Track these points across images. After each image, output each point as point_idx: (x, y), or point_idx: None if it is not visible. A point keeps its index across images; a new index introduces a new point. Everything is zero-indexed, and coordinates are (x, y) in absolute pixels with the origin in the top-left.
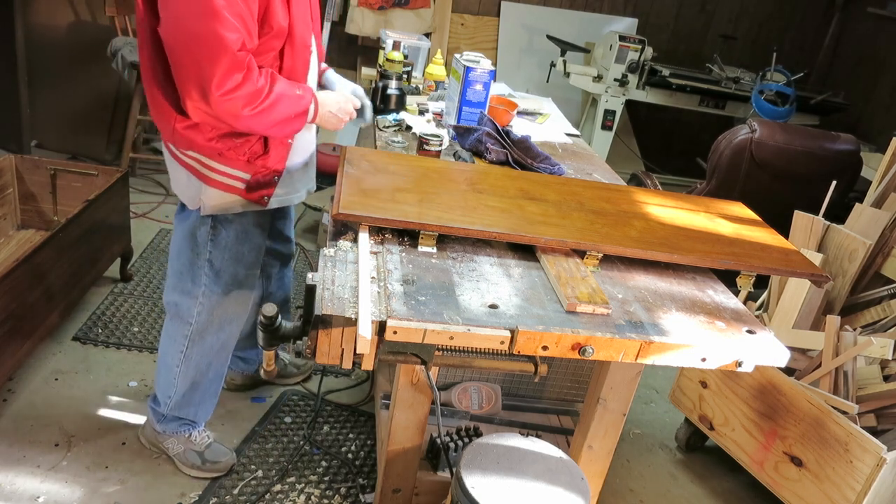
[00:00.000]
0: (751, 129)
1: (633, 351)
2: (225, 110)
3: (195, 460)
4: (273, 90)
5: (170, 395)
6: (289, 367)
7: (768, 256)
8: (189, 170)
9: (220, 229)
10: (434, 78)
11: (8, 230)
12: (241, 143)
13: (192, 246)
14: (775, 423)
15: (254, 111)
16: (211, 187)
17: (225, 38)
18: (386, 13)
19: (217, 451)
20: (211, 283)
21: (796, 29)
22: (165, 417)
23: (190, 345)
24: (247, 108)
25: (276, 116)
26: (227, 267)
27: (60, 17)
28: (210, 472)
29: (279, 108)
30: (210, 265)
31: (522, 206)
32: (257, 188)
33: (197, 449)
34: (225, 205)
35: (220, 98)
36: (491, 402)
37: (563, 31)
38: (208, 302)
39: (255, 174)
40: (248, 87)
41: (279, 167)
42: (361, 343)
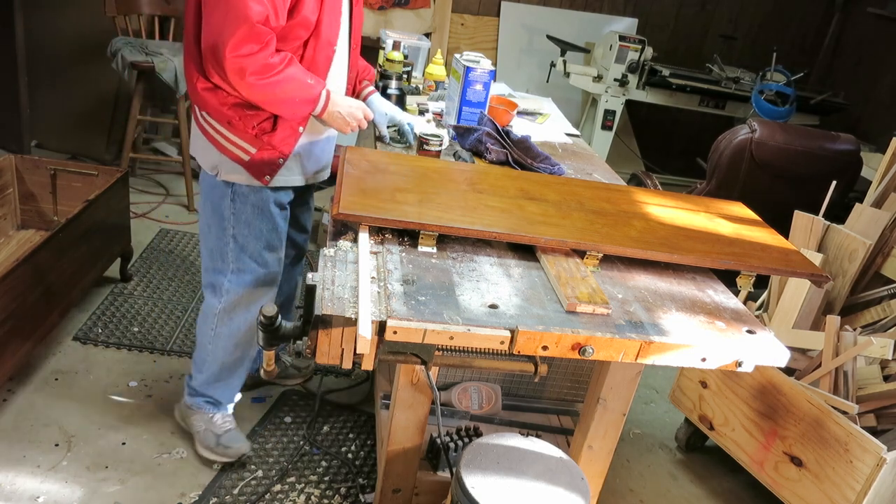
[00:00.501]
0: (751, 129)
1: (633, 351)
2: (232, 71)
3: (211, 442)
4: (285, 70)
5: (201, 371)
6: (289, 368)
7: (768, 256)
8: (205, 134)
9: (238, 203)
10: (434, 78)
11: (8, 230)
12: (251, 116)
13: (219, 221)
14: (775, 423)
15: (259, 81)
16: (222, 154)
17: (249, 7)
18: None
19: (233, 437)
20: (237, 260)
21: (796, 29)
22: (195, 392)
23: (219, 323)
24: (253, 77)
25: (281, 94)
26: (249, 244)
27: (60, 17)
28: (221, 456)
29: (286, 87)
30: (234, 241)
31: (522, 206)
32: (261, 166)
33: (216, 431)
34: (237, 173)
35: (230, 59)
36: (491, 402)
37: (563, 31)
38: (236, 279)
39: (261, 151)
40: (260, 58)
41: (286, 150)
42: (361, 343)
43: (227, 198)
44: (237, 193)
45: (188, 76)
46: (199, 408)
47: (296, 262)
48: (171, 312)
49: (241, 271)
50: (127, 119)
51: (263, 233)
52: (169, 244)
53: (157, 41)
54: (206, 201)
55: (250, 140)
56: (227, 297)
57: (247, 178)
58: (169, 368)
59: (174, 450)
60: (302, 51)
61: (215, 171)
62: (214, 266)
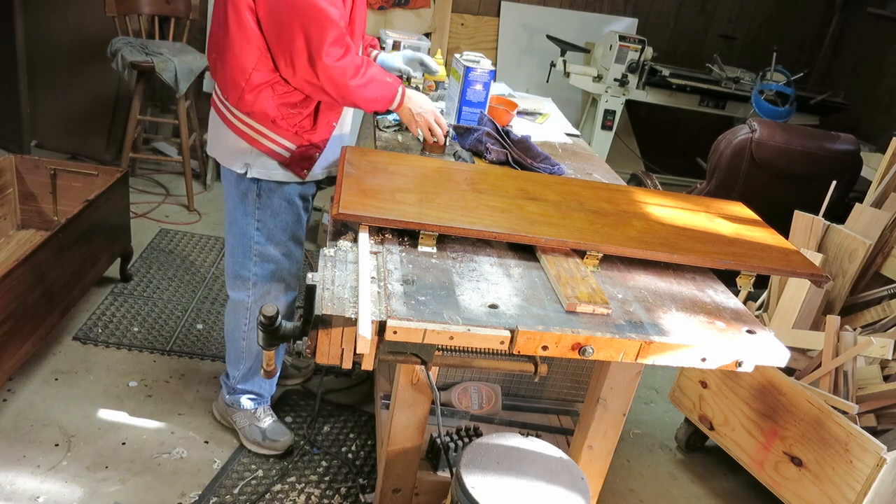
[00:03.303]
0: (751, 129)
1: (633, 351)
2: (330, 77)
3: (257, 436)
4: (369, 70)
5: (238, 368)
6: (290, 368)
7: (768, 256)
8: (238, 133)
9: (264, 197)
10: (434, 78)
11: (8, 230)
12: (294, 115)
13: (243, 215)
14: (775, 423)
15: (356, 83)
16: (259, 151)
17: (330, 12)
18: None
19: (278, 430)
20: (262, 254)
21: (796, 29)
22: (235, 390)
23: (251, 317)
24: (352, 79)
25: (370, 94)
26: (275, 236)
27: (60, 17)
28: (269, 449)
29: (374, 86)
30: (259, 233)
31: (522, 206)
32: (300, 160)
33: (260, 426)
34: (268, 171)
35: (328, 65)
36: (491, 402)
37: (563, 31)
38: (262, 272)
39: (300, 146)
40: (351, 60)
41: (322, 144)
42: (361, 343)
43: (252, 192)
44: (263, 189)
45: (231, 82)
46: (241, 405)
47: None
48: (171, 312)
49: (266, 262)
50: (127, 119)
51: (289, 224)
52: (169, 244)
53: (157, 41)
54: (231, 199)
55: (291, 137)
56: (256, 289)
57: (282, 174)
58: (169, 368)
59: (174, 450)
60: None
61: (244, 170)
62: (238, 261)
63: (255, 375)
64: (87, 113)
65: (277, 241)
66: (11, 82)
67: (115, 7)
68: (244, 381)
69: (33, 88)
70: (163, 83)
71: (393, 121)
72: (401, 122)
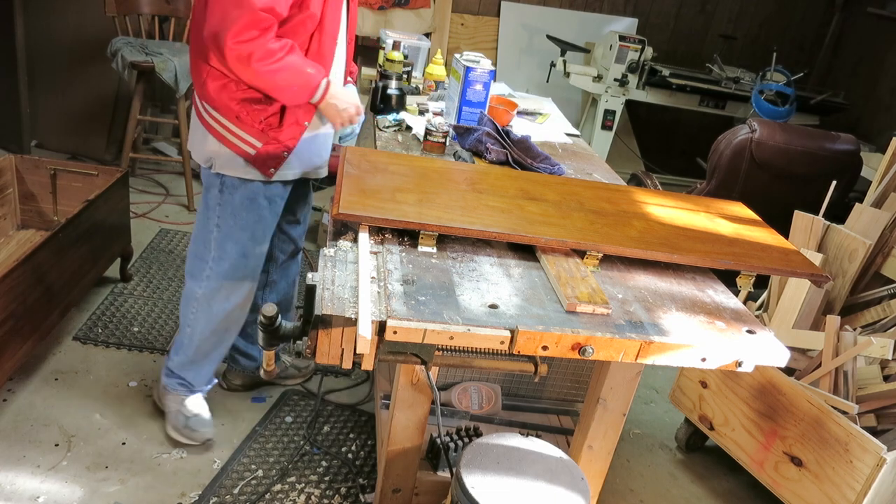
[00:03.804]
0: (751, 129)
1: (633, 351)
2: (235, 57)
3: (179, 423)
4: (286, 57)
5: (178, 353)
6: (290, 368)
7: (768, 256)
8: (207, 128)
9: (226, 193)
10: (434, 78)
11: (8, 230)
12: (259, 111)
13: (205, 209)
14: (775, 423)
15: (262, 67)
16: (224, 146)
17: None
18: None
19: (200, 422)
20: (219, 248)
21: (796, 29)
22: (171, 373)
23: (198, 308)
24: (257, 63)
25: (282, 81)
26: (234, 233)
27: (60, 17)
28: (187, 438)
29: (286, 74)
30: (219, 229)
31: (522, 206)
32: (266, 159)
33: (186, 413)
34: (234, 167)
35: (232, 45)
36: (491, 402)
37: (563, 31)
38: (217, 267)
39: (267, 145)
40: (261, 43)
41: (291, 144)
42: (361, 343)
43: (215, 188)
44: (226, 185)
45: (195, 72)
46: (174, 389)
47: (292, 258)
48: (171, 312)
49: (221, 259)
50: (127, 119)
51: (250, 224)
52: (169, 244)
53: (157, 41)
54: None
55: (257, 135)
56: (208, 283)
57: (245, 171)
58: None
59: (174, 450)
60: (308, 43)
61: (209, 164)
62: (197, 252)
63: (193, 365)
64: (87, 113)
65: (236, 240)
66: (11, 82)
67: (115, 7)
68: (180, 368)
69: (33, 88)
70: (163, 83)
71: (393, 121)
72: (401, 122)
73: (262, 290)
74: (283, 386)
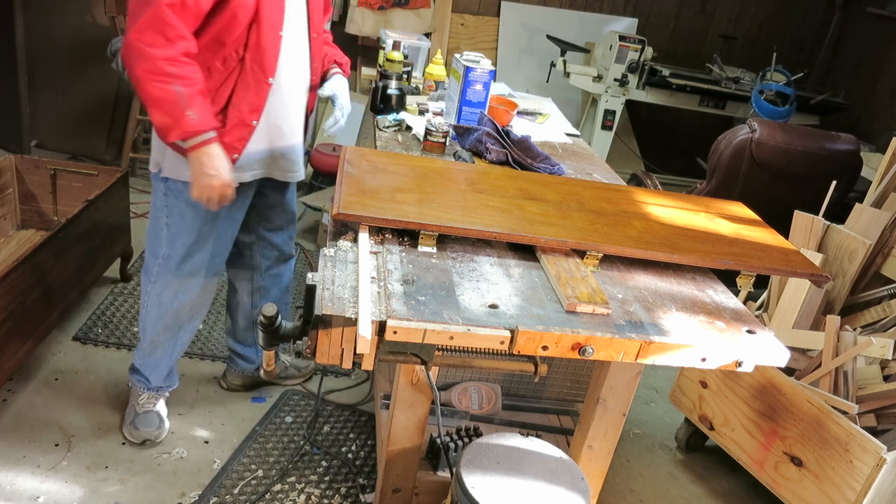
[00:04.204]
0: (751, 129)
1: (633, 351)
2: (128, 49)
3: (128, 418)
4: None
5: (137, 347)
6: (290, 368)
7: (768, 256)
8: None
9: (171, 197)
10: (434, 78)
11: (8, 230)
12: None
13: (154, 209)
14: (775, 423)
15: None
16: (170, 148)
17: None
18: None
19: (148, 420)
20: (169, 246)
21: (796, 29)
22: (133, 369)
23: (150, 302)
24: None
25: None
26: (181, 235)
27: (60, 17)
28: (128, 435)
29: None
30: (168, 229)
31: (522, 206)
32: None
33: (137, 410)
34: (178, 170)
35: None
36: (491, 402)
37: (563, 31)
38: (166, 266)
39: None
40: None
41: (239, 146)
42: (361, 343)
43: (160, 191)
44: (170, 189)
45: None
46: (133, 385)
47: (282, 264)
48: None
49: (170, 257)
50: (127, 119)
51: (197, 227)
52: None
53: None
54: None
55: None
56: (158, 280)
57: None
58: None
59: (174, 450)
60: (246, 37)
61: (157, 168)
62: (150, 247)
63: (148, 360)
64: (87, 113)
65: (183, 241)
66: (11, 82)
67: (115, 7)
68: (138, 360)
69: (33, 88)
70: None
71: (393, 121)
72: (401, 122)
73: (252, 297)
74: (283, 386)
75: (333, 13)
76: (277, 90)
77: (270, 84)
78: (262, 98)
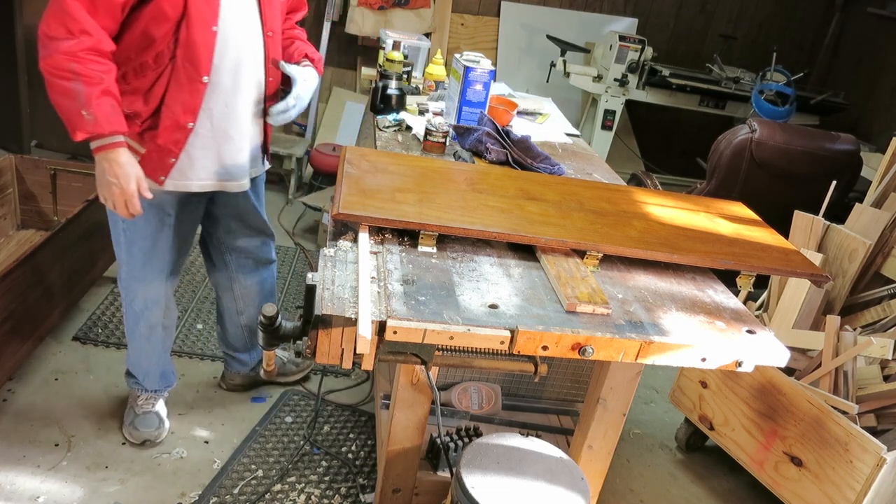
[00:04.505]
0: (751, 129)
1: (633, 351)
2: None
3: (127, 420)
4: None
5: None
6: (287, 364)
7: (768, 256)
8: None
9: None
10: (434, 78)
11: (8, 230)
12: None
13: (111, 214)
14: (775, 423)
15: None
16: None
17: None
18: (386, 13)
19: (147, 420)
20: (127, 255)
21: (796, 29)
22: (127, 372)
23: (126, 309)
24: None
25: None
26: (136, 241)
27: None
28: (128, 436)
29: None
30: (124, 234)
31: (522, 206)
32: (153, 164)
33: (135, 411)
34: None
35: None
36: (491, 402)
37: (563, 31)
38: (127, 268)
39: (150, 150)
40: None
41: (174, 148)
42: (361, 343)
43: None
44: None
45: None
46: (130, 387)
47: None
48: None
49: (130, 263)
50: None
51: (151, 233)
52: None
53: None
54: None
55: (136, 139)
56: (123, 282)
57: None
58: None
59: (174, 450)
60: (174, 33)
61: None
62: (117, 254)
63: (136, 364)
64: None
65: (140, 246)
66: (11, 82)
67: None
68: (128, 362)
69: (33, 88)
70: None
71: (393, 121)
72: (401, 122)
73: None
74: (282, 385)
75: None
76: (218, 90)
77: (205, 83)
78: (198, 98)
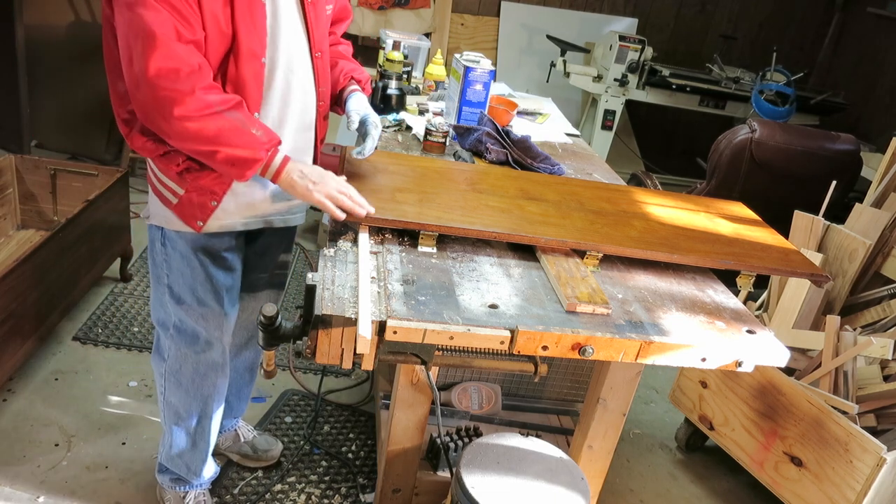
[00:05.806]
0: (751, 129)
1: (633, 351)
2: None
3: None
4: (226, 108)
5: (162, 441)
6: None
7: (768, 256)
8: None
9: (168, 247)
10: (434, 78)
11: (8, 230)
12: (174, 152)
13: (153, 266)
14: (775, 423)
15: (189, 114)
16: (153, 193)
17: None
18: (386, 13)
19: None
20: (176, 314)
21: (796, 29)
22: (161, 467)
23: (167, 385)
24: (180, 109)
25: (225, 138)
26: (185, 295)
27: (60, 17)
28: None
29: (229, 135)
30: (170, 291)
31: (522, 206)
32: (189, 207)
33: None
34: (165, 218)
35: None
36: (491, 402)
37: (563, 31)
38: (177, 336)
39: (189, 192)
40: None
41: (218, 190)
42: (361, 343)
43: (157, 240)
44: (167, 237)
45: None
46: (169, 487)
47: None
48: None
49: (181, 330)
50: None
51: (191, 284)
52: None
53: None
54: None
55: (175, 179)
56: (171, 356)
57: (176, 223)
58: None
59: None
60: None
61: (147, 214)
62: (158, 317)
63: (181, 454)
64: (87, 113)
65: (182, 301)
66: (11, 82)
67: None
68: (168, 460)
69: (33, 88)
70: None
71: (393, 121)
72: (401, 122)
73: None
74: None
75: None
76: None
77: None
78: None
